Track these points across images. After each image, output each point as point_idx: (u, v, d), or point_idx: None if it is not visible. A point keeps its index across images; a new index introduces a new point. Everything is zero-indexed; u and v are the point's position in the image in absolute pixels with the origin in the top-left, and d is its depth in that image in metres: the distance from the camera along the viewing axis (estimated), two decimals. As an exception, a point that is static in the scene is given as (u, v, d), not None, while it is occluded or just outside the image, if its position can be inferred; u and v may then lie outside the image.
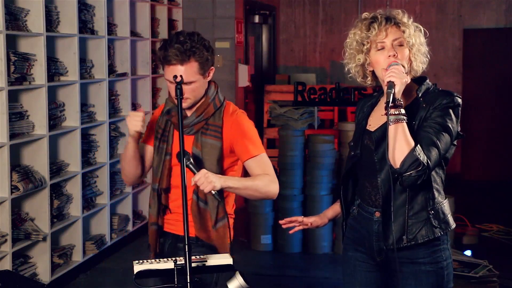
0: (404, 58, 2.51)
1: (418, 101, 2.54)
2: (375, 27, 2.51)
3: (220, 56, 7.48)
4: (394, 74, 2.42)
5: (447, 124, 2.46)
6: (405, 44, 2.52)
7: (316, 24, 9.68)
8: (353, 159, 2.67)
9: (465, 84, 9.28)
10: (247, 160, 2.90)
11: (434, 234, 2.55)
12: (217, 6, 7.54)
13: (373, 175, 2.60)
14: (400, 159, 2.39)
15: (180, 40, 2.81)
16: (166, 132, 2.97)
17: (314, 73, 9.34)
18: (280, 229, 6.15)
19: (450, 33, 9.17)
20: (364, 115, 2.72)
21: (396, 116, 2.39)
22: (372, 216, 2.62)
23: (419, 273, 2.56)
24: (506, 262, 5.56)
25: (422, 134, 2.45)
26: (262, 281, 5.39)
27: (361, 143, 2.66)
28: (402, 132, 2.39)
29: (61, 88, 5.35)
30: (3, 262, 4.54)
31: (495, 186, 8.75)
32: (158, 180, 2.95)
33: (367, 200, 2.64)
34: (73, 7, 5.27)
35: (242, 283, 2.46)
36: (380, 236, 2.60)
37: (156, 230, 2.98)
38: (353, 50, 2.59)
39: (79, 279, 5.39)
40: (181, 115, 2.65)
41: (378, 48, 2.53)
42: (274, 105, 6.87)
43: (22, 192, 4.67)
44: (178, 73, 2.78)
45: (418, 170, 2.38)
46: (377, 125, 2.62)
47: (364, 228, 2.66)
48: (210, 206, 2.87)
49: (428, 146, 2.42)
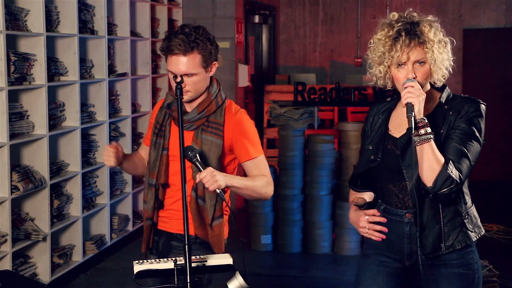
0: (423, 78, 2.49)
1: (442, 108, 2.53)
2: (398, 48, 2.46)
3: (220, 56, 7.47)
4: (411, 95, 2.40)
5: (475, 133, 2.47)
6: (427, 62, 2.49)
7: (316, 24, 9.68)
8: (372, 163, 2.60)
9: (465, 84, 9.27)
10: (246, 162, 2.92)
11: (470, 239, 2.55)
12: (217, 6, 7.54)
13: (400, 178, 2.55)
14: (431, 178, 2.39)
15: (185, 31, 2.81)
16: (164, 127, 2.96)
17: (314, 73, 9.34)
18: (280, 229, 6.16)
19: (450, 33, 9.10)
20: (382, 120, 2.67)
21: (422, 137, 2.38)
22: (402, 218, 2.58)
23: (451, 276, 2.55)
24: (506, 262, 5.56)
25: (452, 145, 2.45)
26: (262, 281, 5.39)
27: (383, 148, 2.60)
28: (430, 151, 2.38)
29: (61, 88, 5.35)
30: (3, 262, 4.54)
31: (495, 186, 8.75)
32: (156, 176, 2.94)
33: (395, 203, 2.59)
34: (73, 7, 5.27)
35: (242, 283, 2.46)
36: (412, 239, 2.55)
37: (150, 225, 2.98)
38: (375, 58, 2.55)
39: (79, 279, 5.39)
40: (181, 115, 2.65)
41: (398, 65, 2.49)
42: (274, 105, 6.87)
43: (22, 192, 4.67)
44: (181, 64, 2.78)
45: (451, 187, 2.39)
46: (399, 130, 2.58)
47: (392, 232, 2.60)
48: (207, 204, 2.86)
49: (459, 159, 2.42)
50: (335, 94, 6.75)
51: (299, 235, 6.15)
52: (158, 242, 3.01)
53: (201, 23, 7.81)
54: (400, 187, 2.56)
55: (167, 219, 2.98)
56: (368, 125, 2.73)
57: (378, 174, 2.63)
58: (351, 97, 6.63)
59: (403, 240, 2.57)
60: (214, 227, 2.87)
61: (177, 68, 2.80)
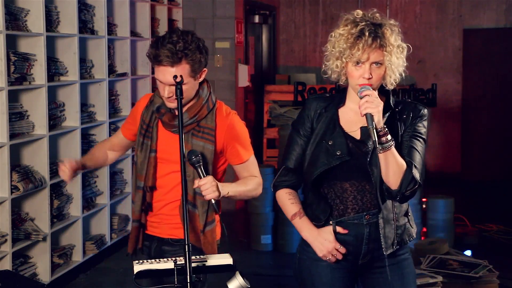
0: (378, 79, 2.52)
1: (393, 112, 2.59)
2: (359, 47, 2.47)
3: (220, 56, 7.48)
4: (370, 105, 2.42)
5: (423, 136, 2.59)
6: (383, 64, 2.51)
7: (316, 24, 9.68)
8: (342, 159, 2.55)
9: (465, 84, 9.27)
10: (237, 165, 2.92)
11: (413, 235, 2.70)
12: (217, 6, 7.55)
13: (361, 178, 2.57)
14: (396, 182, 2.49)
15: (173, 40, 2.72)
16: (151, 128, 2.89)
17: (314, 73, 9.33)
18: (280, 229, 6.16)
19: (450, 33, 9.16)
20: (331, 116, 2.62)
21: (384, 145, 2.44)
22: (361, 220, 2.60)
23: (401, 262, 2.67)
24: (506, 262, 5.56)
25: (409, 147, 2.55)
26: (262, 281, 5.39)
27: (347, 147, 2.58)
28: (393, 157, 2.46)
29: (61, 88, 5.35)
30: (3, 262, 4.55)
31: (495, 186, 8.75)
32: (144, 178, 2.89)
33: (351, 205, 2.60)
34: (73, 7, 5.27)
35: (242, 283, 2.46)
36: (371, 239, 2.60)
37: (138, 227, 2.94)
38: (334, 52, 2.56)
39: (79, 279, 5.39)
40: (181, 115, 2.60)
41: (356, 63, 2.50)
42: (274, 105, 6.87)
43: (22, 192, 4.67)
44: (168, 75, 2.72)
45: (414, 188, 2.50)
46: (354, 130, 2.59)
47: (349, 235, 2.61)
48: (199, 211, 2.84)
49: (417, 162, 2.52)
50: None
51: (299, 235, 6.09)
52: (150, 247, 2.97)
53: (201, 23, 7.85)
54: (359, 187, 2.58)
55: (157, 224, 2.94)
56: (309, 119, 2.65)
57: (334, 172, 2.58)
58: (351, 97, 6.62)
59: (362, 241, 2.61)
60: (206, 232, 2.85)
61: (164, 79, 2.74)
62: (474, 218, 6.79)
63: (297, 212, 2.70)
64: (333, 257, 2.61)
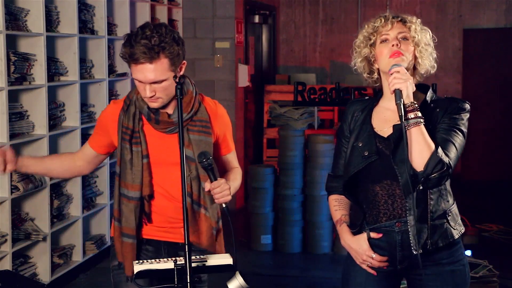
0: (407, 51, 2.52)
1: (428, 107, 2.54)
2: (382, 20, 2.55)
3: (220, 56, 7.48)
4: (398, 80, 2.41)
5: (461, 127, 2.51)
6: (410, 39, 2.53)
7: (316, 24, 9.68)
8: (369, 159, 2.52)
9: (465, 84, 9.28)
10: (226, 155, 2.88)
11: (453, 236, 2.56)
12: (217, 6, 7.55)
13: (392, 180, 2.52)
14: (423, 162, 2.37)
15: (147, 34, 2.55)
16: (137, 133, 2.71)
17: (314, 73, 9.33)
18: (280, 229, 6.16)
19: (450, 33, 9.16)
20: (364, 117, 2.63)
21: (412, 120, 2.38)
22: (392, 228, 2.55)
23: (443, 274, 2.57)
24: (506, 262, 5.56)
25: (439, 136, 2.46)
26: (262, 281, 5.39)
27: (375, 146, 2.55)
28: (421, 134, 2.38)
29: (61, 88, 5.35)
30: (3, 262, 4.55)
31: (495, 186, 8.75)
32: (140, 188, 2.70)
33: (383, 211, 2.55)
34: (73, 7, 5.27)
35: (242, 283, 2.46)
36: (404, 246, 2.54)
37: (135, 244, 2.76)
38: (360, 44, 2.61)
39: (79, 279, 5.39)
40: (181, 116, 2.48)
41: (382, 40, 2.54)
42: (274, 105, 6.88)
43: (22, 192, 4.67)
44: (148, 72, 2.57)
45: (442, 171, 2.38)
46: (384, 127, 2.56)
47: (382, 240, 2.57)
48: (210, 213, 2.74)
49: (447, 147, 2.43)
50: (335, 94, 6.75)
51: (299, 235, 6.15)
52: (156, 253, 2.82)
53: (201, 23, 7.85)
54: (389, 191, 2.53)
55: (170, 229, 2.80)
56: (347, 123, 2.67)
57: (365, 174, 2.56)
58: (351, 97, 6.64)
59: (395, 248, 2.56)
60: (218, 234, 2.80)
61: (144, 77, 2.59)
62: (474, 218, 6.79)
63: (338, 220, 2.67)
64: (369, 264, 2.58)
